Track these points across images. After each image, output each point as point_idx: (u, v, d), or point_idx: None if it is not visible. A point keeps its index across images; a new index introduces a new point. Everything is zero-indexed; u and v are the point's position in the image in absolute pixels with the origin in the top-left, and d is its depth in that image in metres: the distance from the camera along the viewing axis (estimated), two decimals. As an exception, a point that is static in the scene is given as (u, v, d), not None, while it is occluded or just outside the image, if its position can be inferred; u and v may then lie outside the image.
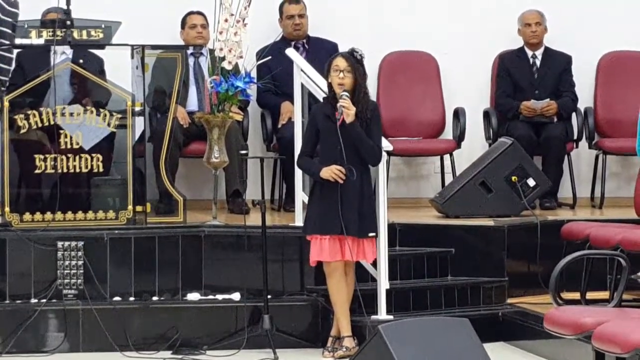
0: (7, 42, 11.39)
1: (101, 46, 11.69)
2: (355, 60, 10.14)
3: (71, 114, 11.21)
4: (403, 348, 6.79)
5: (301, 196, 11.32)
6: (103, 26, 11.33)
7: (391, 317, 9.93)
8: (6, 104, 10.99)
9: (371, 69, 12.60)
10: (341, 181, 9.96)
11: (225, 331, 10.55)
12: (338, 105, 9.84)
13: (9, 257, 10.60)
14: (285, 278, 11.00)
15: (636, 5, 14.22)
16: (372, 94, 12.04)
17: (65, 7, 11.12)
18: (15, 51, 11.68)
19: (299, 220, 11.15)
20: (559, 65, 13.88)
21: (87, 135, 11.34)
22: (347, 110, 9.77)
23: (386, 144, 10.65)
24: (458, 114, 13.55)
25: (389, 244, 10.58)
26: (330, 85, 10.14)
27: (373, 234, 10.17)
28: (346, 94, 9.87)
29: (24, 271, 10.71)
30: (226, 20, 11.13)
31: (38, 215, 10.93)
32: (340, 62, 10.00)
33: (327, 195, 10.09)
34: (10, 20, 11.42)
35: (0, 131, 11.27)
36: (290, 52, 11.85)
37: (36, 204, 11.15)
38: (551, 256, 10.23)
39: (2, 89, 11.22)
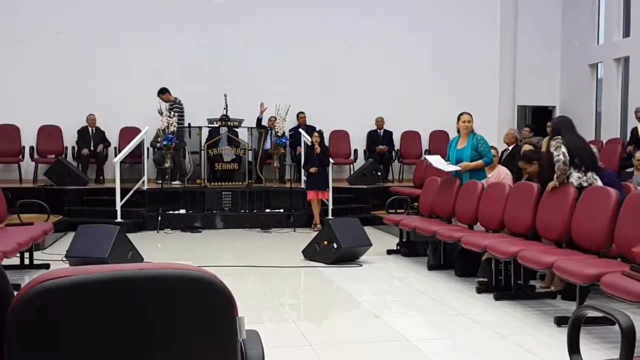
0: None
1: (237, 127, 13.20)
2: (320, 133, 12.03)
3: (226, 150, 13.02)
4: (339, 228, 8.64)
5: (303, 178, 12.77)
6: (238, 120, 13.14)
7: (333, 217, 11.48)
8: (205, 146, 12.88)
9: (327, 135, 13.87)
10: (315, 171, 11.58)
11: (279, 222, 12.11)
12: (314, 148, 11.72)
13: (206, 198, 12.47)
14: (298, 204, 12.58)
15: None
16: (327, 142, 13.14)
17: (225, 112, 12.91)
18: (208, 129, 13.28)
19: (303, 186, 12.62)
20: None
21: (231, 157, 12.96)
22: (318, 148, 11.71)
23: (331, 161, 12.34)
24: (356, 151, 15.08)
25: (333, 193, 12.36)
26: (312, 142, 11.90)
27: (328, 189, 12.13)
28: (317, 145, 11.72)
29: (214, 205, 12.41)
30: (279, 118, 12.92)
31: (215, 183, 12.77)
32: (315, 135, 11.90)
33: (313, 177, 11.87)
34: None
35: (206, 159, 12.85)
36: (301, 130, 13.53)
37: (215, 179, 12.88)
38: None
39: (208, 142, 12.82)
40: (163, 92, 13.02)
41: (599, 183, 6.36)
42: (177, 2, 14.74)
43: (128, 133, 13.80)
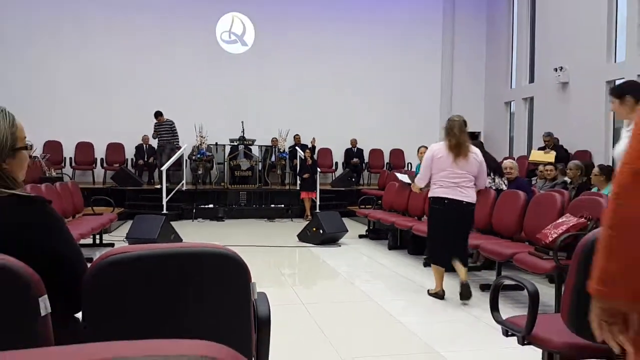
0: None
1: (251, 144, 12.79)
2: (311, 150, 11.92)
3: (243, 162, 12.57)
4: (324, 219, 8.54)
5: (298, 182, 12.16)
6: (251, 140, 12.69)
7: (320, 211, 10.90)
8: (227, 159, 12.47)
9: (316, 150, 13.57)
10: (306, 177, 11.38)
11: (280, 214, 11.76)
12: (307, 160, 11.53)
13: (228, 196, 12.06)
14: (294, 201, 12.01)
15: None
16: (315, 156, 12.79)
17: (242, 134, 12.57)
18: (230, 146, 12.72)
19: (298, 188, 12.05)
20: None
21: (246, 167, 12.55)
22: (309, 160, 11.50)
23: (318, 170, 12.01)
24: (337, 163, 14.57)
25: (320, 193, 11.98)
26: (305, 156, 11.69)
27: (316, 191, 11.80)
28: (309, 158, 11.56)
29: (234, 201, 12.03)
30: (281, 139, 12.89)
31: (235, 185, 12.41)
32: (307, 151, 11.71)
33: (305, 181, 11.68)
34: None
35: (228, 168, 12.53)
36: (297, 148, 13.04)
37: (234, 182, 12.26)
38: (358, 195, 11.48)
39: (230, 155, 12.38)
40: (160, 114, 12.19)
41: (504, 187, 6.32)
42: (207, 54, 14.35)
43: (172, 149, 13.37)
